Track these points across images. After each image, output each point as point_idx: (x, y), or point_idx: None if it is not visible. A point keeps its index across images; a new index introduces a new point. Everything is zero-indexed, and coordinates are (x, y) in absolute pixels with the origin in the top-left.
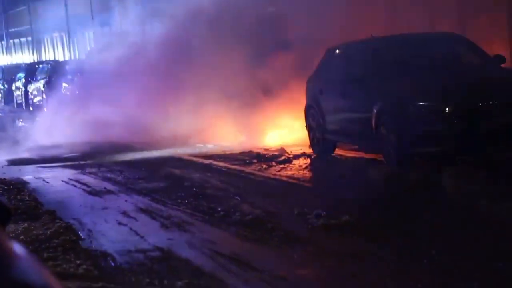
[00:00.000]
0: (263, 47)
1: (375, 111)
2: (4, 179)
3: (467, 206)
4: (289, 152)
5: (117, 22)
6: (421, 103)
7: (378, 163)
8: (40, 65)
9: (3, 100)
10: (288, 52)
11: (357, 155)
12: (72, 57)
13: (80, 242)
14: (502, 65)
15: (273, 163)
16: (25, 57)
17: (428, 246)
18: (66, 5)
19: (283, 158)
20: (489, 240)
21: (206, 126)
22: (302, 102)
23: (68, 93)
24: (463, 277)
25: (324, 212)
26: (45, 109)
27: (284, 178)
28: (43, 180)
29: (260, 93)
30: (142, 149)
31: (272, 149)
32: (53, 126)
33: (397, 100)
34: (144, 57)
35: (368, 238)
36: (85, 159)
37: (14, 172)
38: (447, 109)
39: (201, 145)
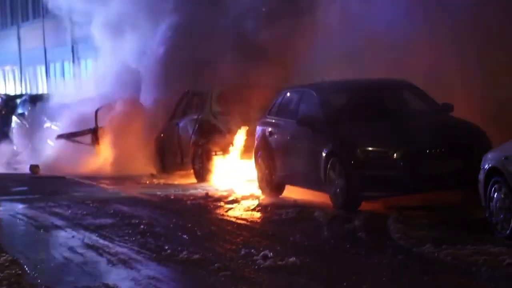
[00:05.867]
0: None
1: (324, 155)
2: None
3: (412, 250)
4: (238, 193)
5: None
6: (370, 148)
7: (326, 206)
8: None
9: None
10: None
11: (305, 198)
12: (24, 91)
13: (25, 276)
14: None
15: (222, 203)
16: None
17: None
18: (19, 38)
19: (231, 198)
20: (433, 284)
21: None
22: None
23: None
24: None
25: (271, 253)
26: None
27: (232, 218)
28: None
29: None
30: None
31: (221, 189)
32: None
33: (346, 144)
34: None
35: (314, 281)
36: (34, 193)
37: None
38: (394, 154)
39: (154, 184)
